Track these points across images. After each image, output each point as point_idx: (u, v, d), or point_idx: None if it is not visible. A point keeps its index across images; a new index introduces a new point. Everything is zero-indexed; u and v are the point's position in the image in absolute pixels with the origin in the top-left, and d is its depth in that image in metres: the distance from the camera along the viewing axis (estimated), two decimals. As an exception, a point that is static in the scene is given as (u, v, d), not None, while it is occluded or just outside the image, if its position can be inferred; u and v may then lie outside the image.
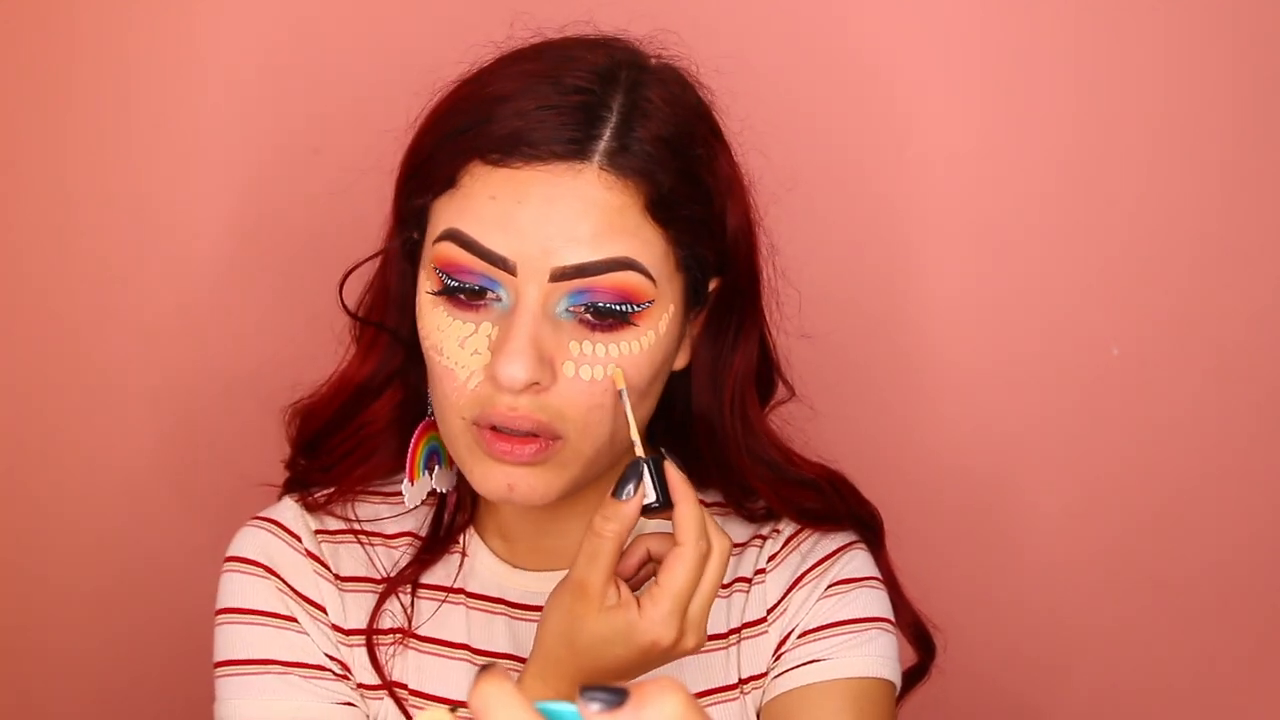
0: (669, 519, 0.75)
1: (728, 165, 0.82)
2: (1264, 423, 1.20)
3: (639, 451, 0.76)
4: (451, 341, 0.76)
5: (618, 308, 0.75)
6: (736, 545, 0.90)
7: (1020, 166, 1.18)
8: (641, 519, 0.75)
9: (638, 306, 0.76)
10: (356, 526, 0.88)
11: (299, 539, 0.86)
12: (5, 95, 1.15)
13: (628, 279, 0.74)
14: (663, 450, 0.77)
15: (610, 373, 0.76)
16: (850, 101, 1.17)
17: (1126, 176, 1.18)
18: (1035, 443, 1.21)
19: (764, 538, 0.90)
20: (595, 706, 0.46)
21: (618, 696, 0.46)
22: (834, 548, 0.89)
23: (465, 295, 0.76)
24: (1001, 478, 1.21)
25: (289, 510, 0.88)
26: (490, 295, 0.75)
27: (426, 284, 0.78)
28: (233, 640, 0.84)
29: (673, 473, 0.75)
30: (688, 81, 0.82)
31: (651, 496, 0.74)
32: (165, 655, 1.19)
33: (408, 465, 0.84)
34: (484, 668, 0.47)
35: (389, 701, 0.85)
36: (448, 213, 0.76)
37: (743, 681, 0.87)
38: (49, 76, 1.15)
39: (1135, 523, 1.22)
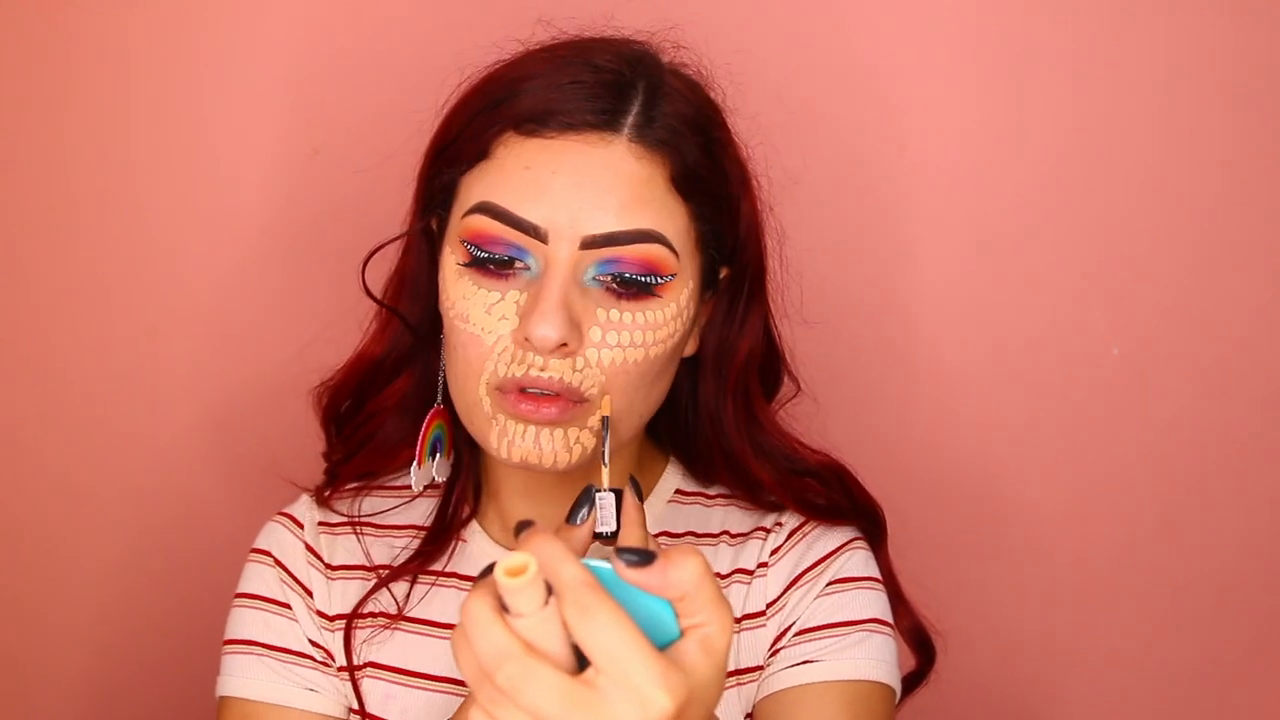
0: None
1: (740, 160, 0.86)
2: (1264, 422, 1.21)
3: (605, 482, 0.75)
4: (478, 308, 0.78)
5: (643, 279, 0.78)
6: (738, 535, 0.91)
7: (1021, 165, 1.19)
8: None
9: (661, 279, 0.78)
10: (357, 518, 0.92)
11: (302, 528, 0.92)
12: (5, 95, 1.17)
13: (653, 251, 0.77)
14: (628, 487, 0.73)
15: (604, 403, 0.77)
16: (853, 98, 1.18)
17: (1127, 175, 1.18)
18: (1035, 441, 1.22)
19: (767, 530, 0.91)
20: (626, 564, 0.53)
21: (646, 557, 0.53)
22: (835, 545, 0.90)
23: (494, 266, 0.78)
24: (1001, 476, 1.22)
25: (302, 504, 0.93)
26: (519, 264, 0.78)
27: (453, 257, 0.80)
28: (233, 621, 0.90)
29: (629, 503, 0.71)
30: (698, 82, 0.86)
31: (612, 525, 0.72)
32: (187, 656, 1.20)
33: (418, 449, 0.86)
34: (525, 523, 0.53)
35: (368, 682, 0.88)
36: (479, 185, 0.79)
37: (737, 673, 0.87)
38: (49, 76, 1.16)
39: (1134, 522, 1.22)
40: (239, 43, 1.17)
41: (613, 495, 0.72)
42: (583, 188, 0.76)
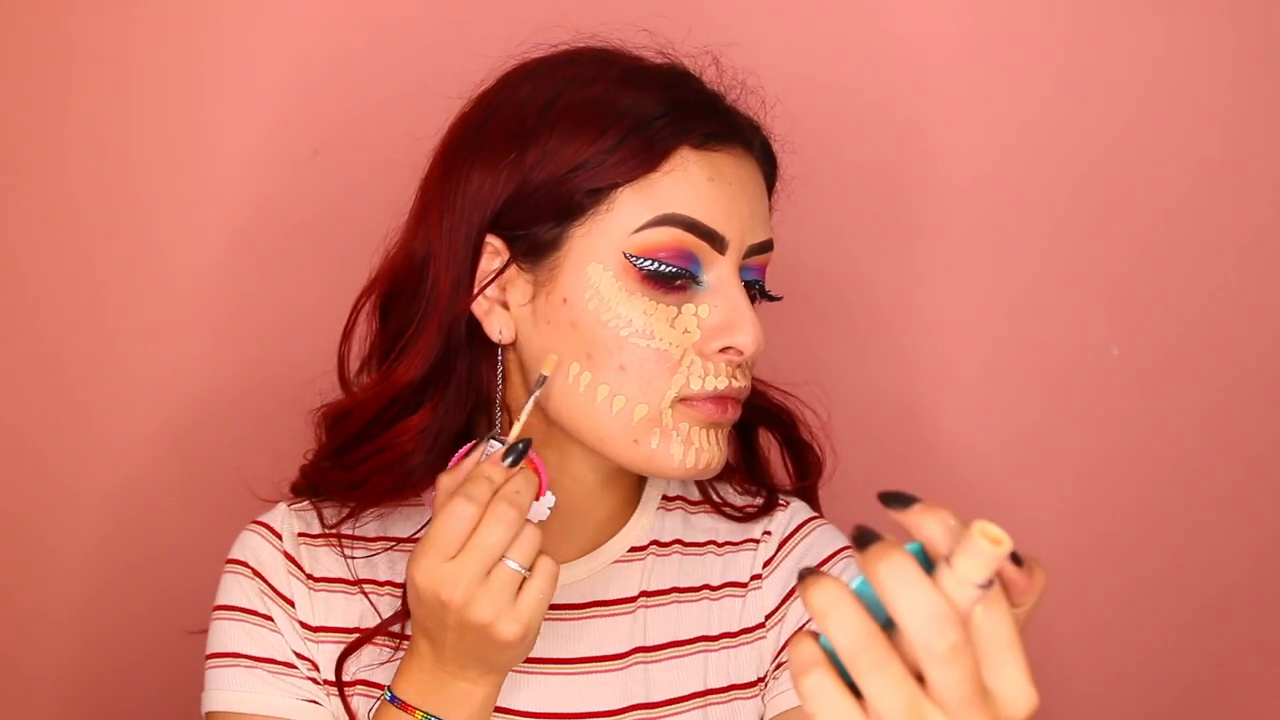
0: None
1: None
2: (1265, 421, 1.21)
3: (512, 435, 0.78)
4: (662, 323, 0.79)
5: (761, 283, 0.84)
6: (725, 544, 0.91)
7: (1023, 164, 1.19)
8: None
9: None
10: (338, 530, 0.89)
11: (280, 538, 0.88)
12: (5, 95, 1.17)
13: (769, 258, 0.84)
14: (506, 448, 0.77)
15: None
16: (852, 95, 1.18)
17: (1128, 176, 1.18)
18: (1034, 441, 1.22)
19: (756, 541, 0.91)
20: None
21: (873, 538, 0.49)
22: (827, 554, 0.90)
23: (665, 280, 0.79)
24: (1001, 477, 1.22)
25: (279, 514, 0.90)
26: (686, 279, 0.79)
27: (607, 274, 0.78)
28: (215, 635, 0.87)
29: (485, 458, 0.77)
30: None
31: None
32: (161, 654, 1.20)
33: (541, 479, 0.79)
34: (869, 533, 0.49)
35: (359, 699, 0.85)
36: (654, 197, 0.78)
37: (735, 687, 0.87)
38: (49, 77, 1.16)
39: (1134, 522, 1.22)
40: (238, 43, 1.17)
41: (501, 449, 0.75)
42: (750, 199, 0.81)
